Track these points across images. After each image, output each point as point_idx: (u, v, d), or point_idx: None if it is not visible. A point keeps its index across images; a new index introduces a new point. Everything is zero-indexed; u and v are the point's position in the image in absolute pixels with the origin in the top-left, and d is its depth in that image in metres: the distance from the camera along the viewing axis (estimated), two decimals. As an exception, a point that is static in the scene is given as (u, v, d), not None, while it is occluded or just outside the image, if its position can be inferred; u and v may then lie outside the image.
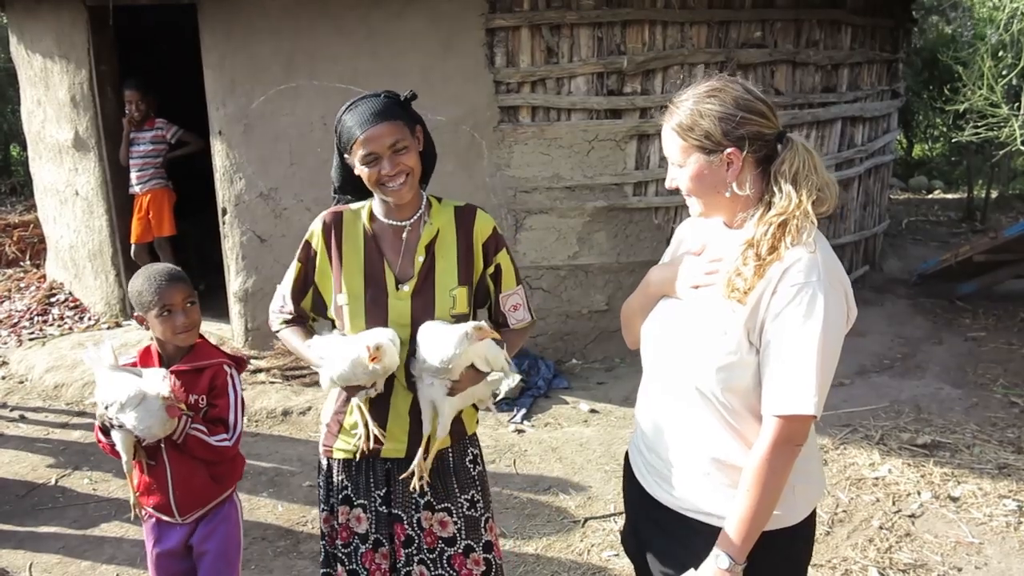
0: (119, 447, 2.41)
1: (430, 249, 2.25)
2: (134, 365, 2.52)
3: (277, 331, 2.42)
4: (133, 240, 6.24)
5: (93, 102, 6.13)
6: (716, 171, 1.79)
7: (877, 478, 4.18)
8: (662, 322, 1.93)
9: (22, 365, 5.90)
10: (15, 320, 6.75)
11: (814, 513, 1.92)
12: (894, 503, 3.97)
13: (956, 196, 11.74)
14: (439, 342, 2.11)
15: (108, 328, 6.40)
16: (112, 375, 2.39)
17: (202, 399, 2.51)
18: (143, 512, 2.58)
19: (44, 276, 7.71)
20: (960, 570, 3.48)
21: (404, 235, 2.26)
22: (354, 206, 2.32)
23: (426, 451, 2.25)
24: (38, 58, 6.54)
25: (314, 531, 3.80)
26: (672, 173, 1.88)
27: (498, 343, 2.23)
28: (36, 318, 6.80)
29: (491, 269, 2.32)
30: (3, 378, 5.79)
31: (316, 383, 2.38)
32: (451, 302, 2.23)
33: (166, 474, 2.49)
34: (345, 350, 2.12)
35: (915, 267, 7.59)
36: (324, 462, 2.39)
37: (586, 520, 3.89)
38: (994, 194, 10.71)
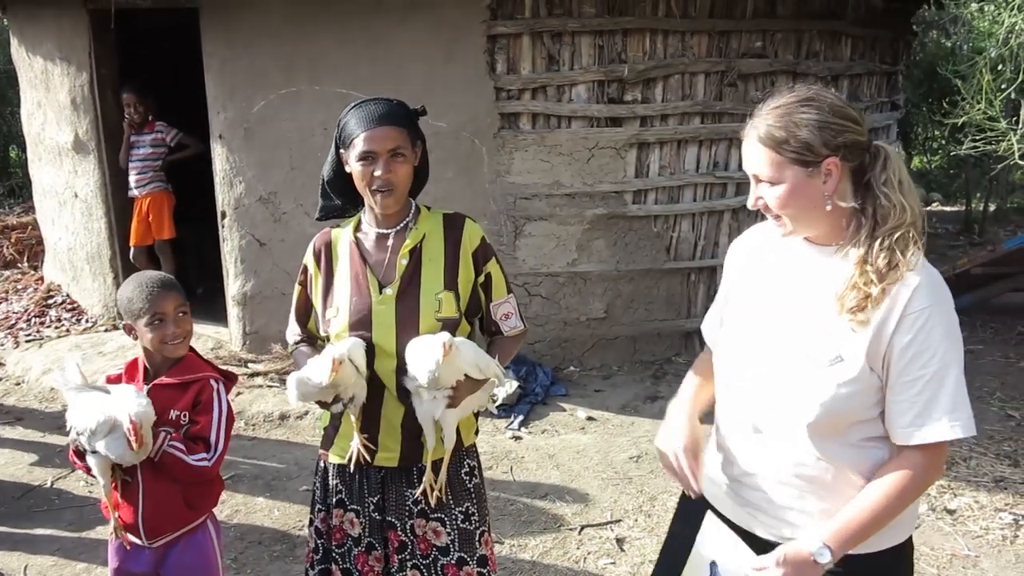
0: (96, 471, 2.31)
1: (415, 253, 2.24)
2: (118, 378, 2.44)
3: (291, 352, 2.51)
4: (132, 243, 6.22)
5: (93, 105, 6.13)
6: (814, 185, 1.70)
7: (874, 489, 4.17)
8: (750, 358, 1.86)
9: (19, 367, 5.89)
10: (12, 322, 6.74)
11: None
12: (891, 514, 3.96)
13: (954, 209, 11.75)
14: (421, 356, 2.08)
15: (105, 331, 6.39)
16: (80, 397, 2.29)
17: (184, 415, 2.37)
18: (121, 534, 2.42)
19: (42, 278, 7.70)
20: (956, 582, 3.48)
21: (390, 241, 2.26)
22: (343, 223, 2.35)
23: (434, 467, 2.25)
24: (39, 60, 6.55)
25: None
26: (759, 191, 1.75)
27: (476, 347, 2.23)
28: (33, 320, 6.79)
29: (481, 278, 2.30)
30: (0, 379, 5.78)
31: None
32: (436, 305, 2.20)
33: (138, 493, 2.36)
34: (307, 367, 2.13)
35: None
36: (321, 464, 2.41)
37: (583, 527, 3.89)
38: (992, 207, 10.73)
